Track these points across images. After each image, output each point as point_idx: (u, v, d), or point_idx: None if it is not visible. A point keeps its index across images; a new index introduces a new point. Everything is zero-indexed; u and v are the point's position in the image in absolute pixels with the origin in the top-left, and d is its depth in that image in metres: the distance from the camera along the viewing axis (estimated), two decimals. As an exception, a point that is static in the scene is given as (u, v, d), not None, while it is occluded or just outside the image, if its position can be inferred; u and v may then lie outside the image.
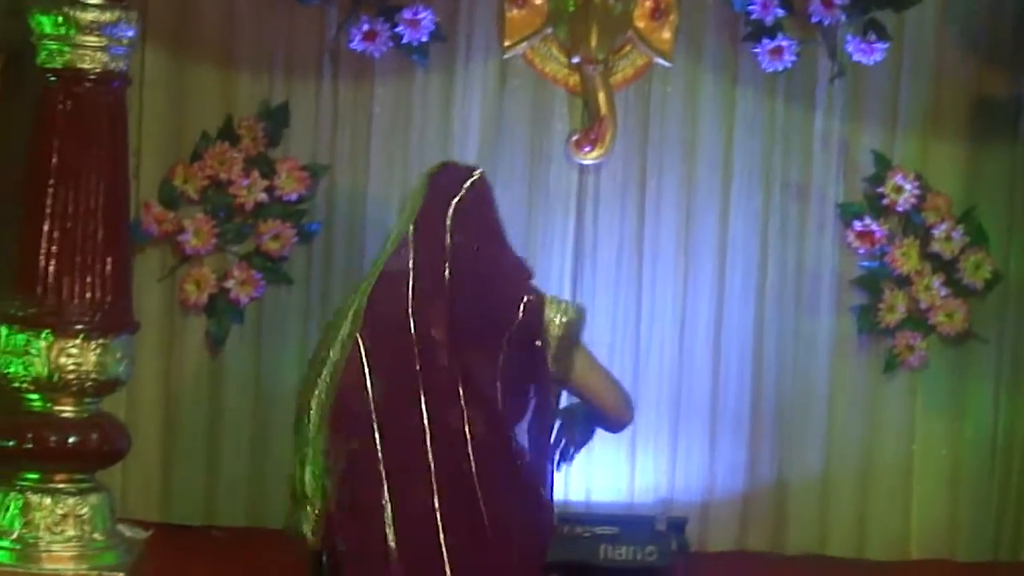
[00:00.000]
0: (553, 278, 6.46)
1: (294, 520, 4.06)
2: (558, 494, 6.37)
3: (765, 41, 6.31)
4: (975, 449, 6.62)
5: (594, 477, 6.45)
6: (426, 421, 3.74)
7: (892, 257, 6.46)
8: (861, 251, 6.49)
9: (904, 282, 6.48)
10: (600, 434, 6.41)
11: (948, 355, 6.58)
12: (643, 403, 6.49)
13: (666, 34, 6.45)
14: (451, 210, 4.03)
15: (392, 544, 3.62)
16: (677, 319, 6.53)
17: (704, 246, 6.52)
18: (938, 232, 6.46)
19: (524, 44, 6.44)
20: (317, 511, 3.93)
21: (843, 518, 6.58)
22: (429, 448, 3.67)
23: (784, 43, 6.32)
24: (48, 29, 5.29)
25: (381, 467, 3.63)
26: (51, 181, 5.36)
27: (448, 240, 3.94)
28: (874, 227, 6.45)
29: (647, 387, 6.48)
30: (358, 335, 3.89)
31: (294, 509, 4.17)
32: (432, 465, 3.66)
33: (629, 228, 6.52)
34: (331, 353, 3.98)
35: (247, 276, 6.33)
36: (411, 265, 3.94)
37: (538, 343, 3.88)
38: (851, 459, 6.58)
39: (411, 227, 4.06)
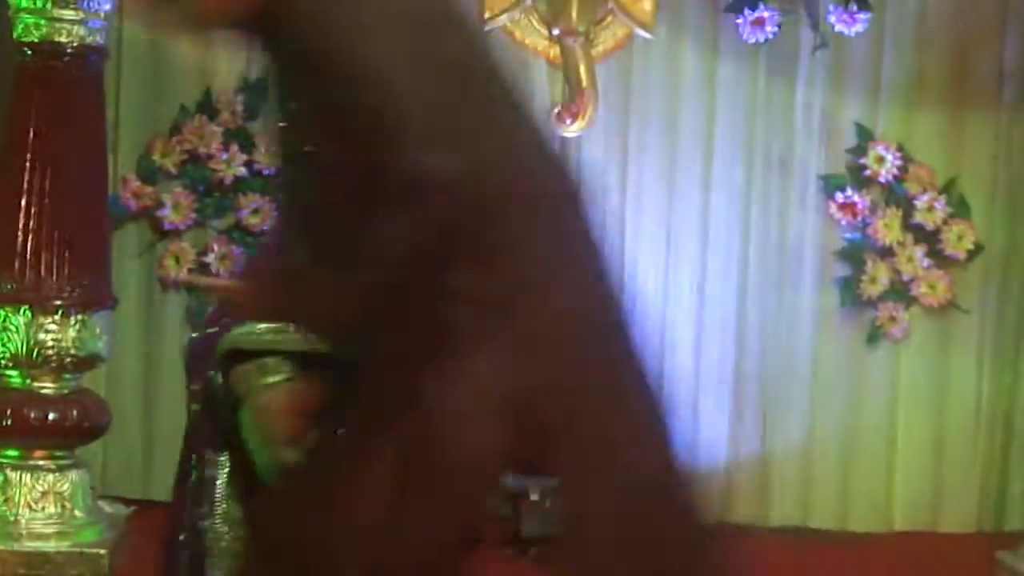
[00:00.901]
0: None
1: None
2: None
3: (747, 11, 6.29)
4: (958, 420, 6.62)
5: (577, 451, 6.42)
6: None
7: (874, 228, 6.44)
8: (843, 223, 6.47)
9: (887, 253, 6.47)
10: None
11: (931, 326, 6.57)
12: (626, 376, 6.49)
13: (647, 5, 6.41)
14: None
15: None
16: (659, 293, 6.51)
17: (686, 219, 6.51)
18: (920, 203, 6.44)
19: (504, 16, 6.40)
20: None
21: (826, 490, 6.58)
22: None
23: (766, 13, 6.29)
24: (24, 3, 5.24)
25: None
26: (28, 156, 5.32)
27: None
28: (856, 198, 6.44)
29: (630, 360, 6.46)
30: None
31: None
32: None
33: (611, 201, 6.48)
34: None
35: (227, 251, 6.30)
36: None
37: None
38: (834, 431, 6.57)
39: None
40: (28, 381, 5.40)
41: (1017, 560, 5.84)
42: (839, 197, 6.45)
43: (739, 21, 6.31)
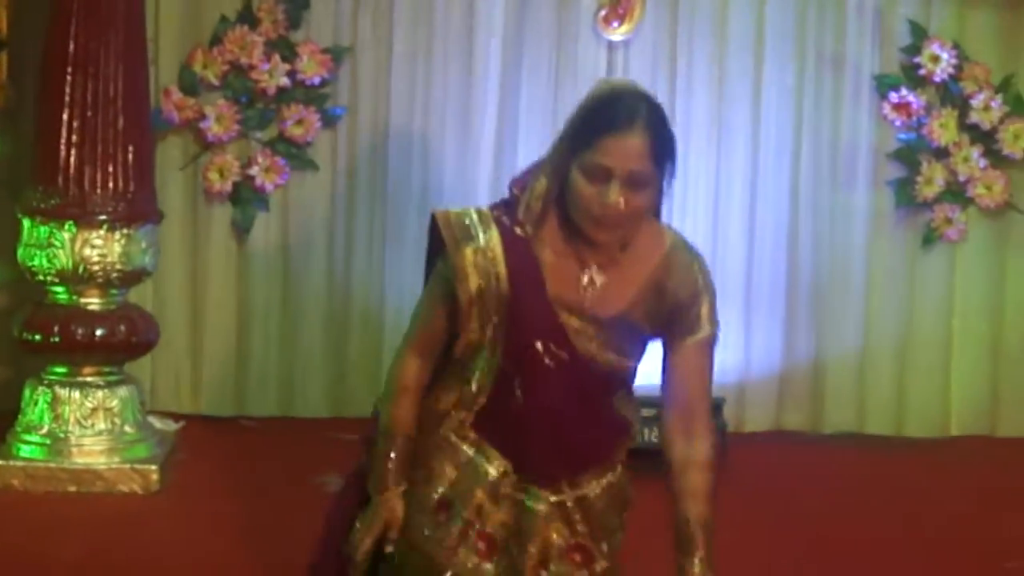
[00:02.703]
0: (582, 158, 6.35)
1: None
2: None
3: (799, -91, 6.16)
4: (1015, 323, 6.53)
5: (628, 359, 6.37)
6: None
7: (929, 129, 6.32)
8: (898, 123, 6.35)
9: (942, 154, 6.35)
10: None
11: (987, 227, 6.47)
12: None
13: (695, -94, 6.29)
14: None
15: None
16: (711, 196, 6.42)
17: (737, 122, 6.39)
18: (976, 102, 6.32)
19: (549, -82, 6.29)
20: None
21: (881, 396, 6.50)
22: None
23: (818, -89, 6.16)
24: (61, -88, 5.16)
25: None
26: (69, 69, 5.27)
27: None
28: (911, 98, 6.32)
29: (680, 266, 6.39)
30: None
31: None
32: None
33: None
34: None
35: (271, 163, 6.23)
36: None
37: None
38: (889, 336, 6.49)
39: None
40: (75, 297, 5.38)
41: (1077, 463, 5.78)
42: (893, 97, 6.32)
43: (790, -82, 6.18)
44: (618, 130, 2.99)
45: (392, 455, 3.15)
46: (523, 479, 3.11)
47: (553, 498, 3.11)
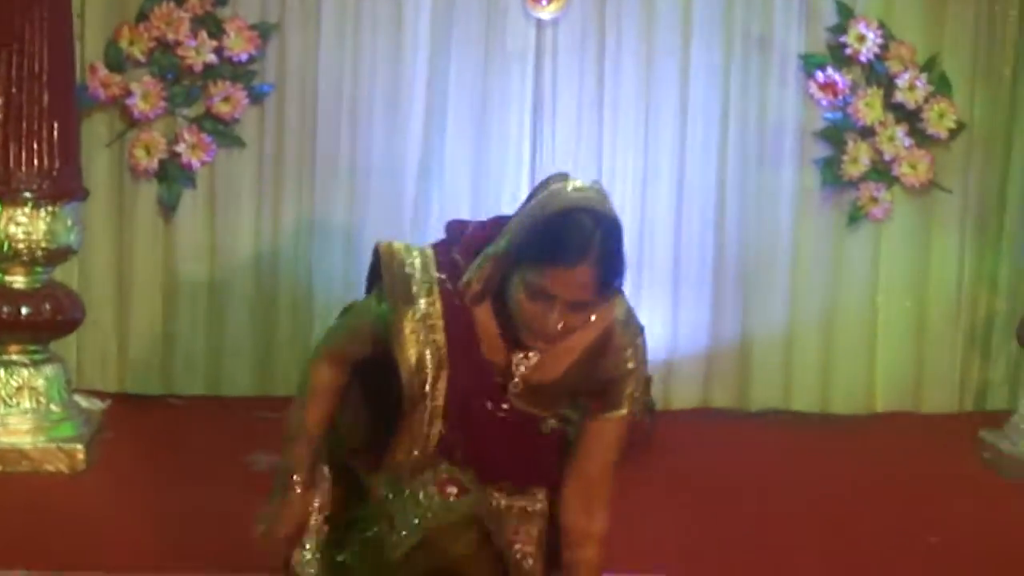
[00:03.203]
0: (511, 138, 6.35)
1: None
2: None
3: None
4: (940, 300, 6.59)
5: (557, 337, 6.39)
6: None
7: (855, 108, 6.36)
8: (824, 102, 6.39)
9: (868, 133, 6.39)
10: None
11: (912, 206, 6.52)
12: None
13: None
14: None
15: None
16: (639, 176, 6.43)
17: (665, 101, 6.41)
18: (902, 81, 6.36)
19: None
20: None
21: (807, 373, 6.55)
22: None
23: None
24: None
25: None
26: (-7, 45, 5.21)
27: None
28: (837, 77, 6.35)
29: (609, 246, 6.41)
30: None
31: None
32: None
33: (589, 84, 6.39)
34: None
35: (198, 140, 6.19)
36: None
37: None
38: (815, 313, 6.53)
39: None
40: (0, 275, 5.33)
41: (999, 439, 5.85)
42: (819, 76, 6.35)
43: (715, -102, 6.20)
44: (567, 264, 3.00)
45: (300, 456, 3.28)
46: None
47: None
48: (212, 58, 6.13)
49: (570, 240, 3.00)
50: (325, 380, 3.29)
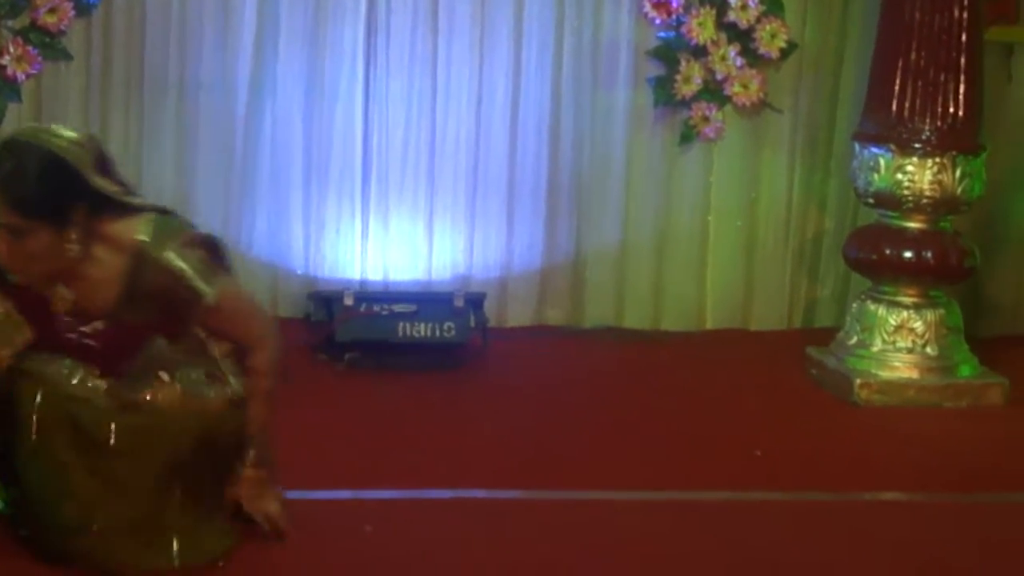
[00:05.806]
0: (346, 58, 6.30)
1: None
2: (356, 274, 6.36)
3: None
4: (769, 219, 6.68)
5: (391, 256, 6.38)
6: None
7: (688, 27, 6.39)
8: (657, 21, 6.41)
9: (700, 52, 6.43)
10: (398, 213, 6.36)
11: (743, 126, 6.58)
12: (440, 181, 6.42)
13: None
14: None
15: None
16: (474, 95, 6.42)
17: (499, 20, 6.39)
18: (734, 1, 6.40)
19: None
20: None
21: (639, 290, 6.61)
22: None
23: None
24: None
25: None
26: None
27: None
28: (670, -4, 6.39)
29: (444, 164, 6.42)
30: None
31: None
32: None
33: (423, 3, 6.35)
34: None
35: (23, 52, 6.04)
36: None
37: None
38: (647, 231, 6.59)
39: None
40: None
41: (825, 355, 5.95)
42: (653, -5, 6.39)
43: None
44: None
45: None
46: None
47: None
48: (37, -32, 5.99)
49: None
50: None
